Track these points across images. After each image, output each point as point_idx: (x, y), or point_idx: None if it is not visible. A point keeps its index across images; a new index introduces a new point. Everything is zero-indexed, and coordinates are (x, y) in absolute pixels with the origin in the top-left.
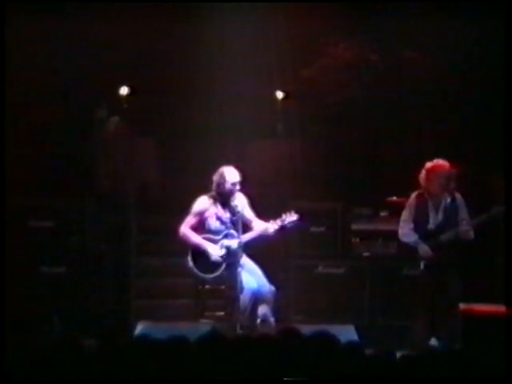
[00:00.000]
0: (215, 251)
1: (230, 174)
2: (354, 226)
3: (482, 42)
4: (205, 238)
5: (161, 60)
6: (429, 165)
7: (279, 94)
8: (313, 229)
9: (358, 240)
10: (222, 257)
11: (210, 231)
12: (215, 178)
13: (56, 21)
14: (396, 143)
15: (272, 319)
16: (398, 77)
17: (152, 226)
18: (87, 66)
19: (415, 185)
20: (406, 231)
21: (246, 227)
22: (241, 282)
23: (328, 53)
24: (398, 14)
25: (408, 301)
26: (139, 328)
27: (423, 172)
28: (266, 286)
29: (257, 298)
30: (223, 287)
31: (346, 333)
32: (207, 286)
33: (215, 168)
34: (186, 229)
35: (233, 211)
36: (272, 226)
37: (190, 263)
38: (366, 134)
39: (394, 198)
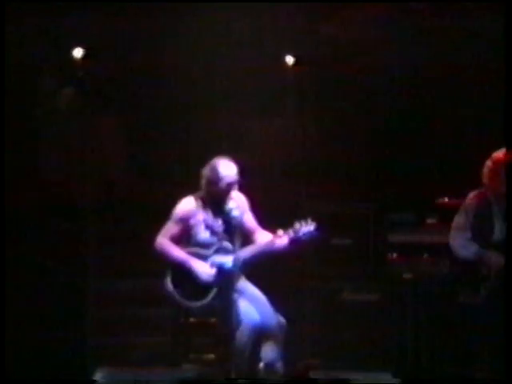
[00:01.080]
0: (204, 270)
1: (226, 169)
2: (391, 238)
3: None
4: (190, 253)
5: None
6: (497, 155)
7: (289, 59)
8: (335, 241)
9: (396, 256)
10: (212, 278)
11: (198, 244)
12: (205, 172)
13: None
14: (449, 125)
15: (280, 363)
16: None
17: (117, 237)
18: None
19: (474, 182)
20: (461, 242)
21: (246, 239)
22: (237, 312)
23: (355, 8)
24: None
25: (466, 339)
26: (99, 375)
27: (488, 164)
28: (272, 317)
29: (259, 335)
30: (213, 320)
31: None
32: (192, 319)
33: (204, 159)
34: (163, 240)
35: (227, 218)
36: (281, 239)
37: (170, 286)
38: (406, 112)
39: (446, 199)
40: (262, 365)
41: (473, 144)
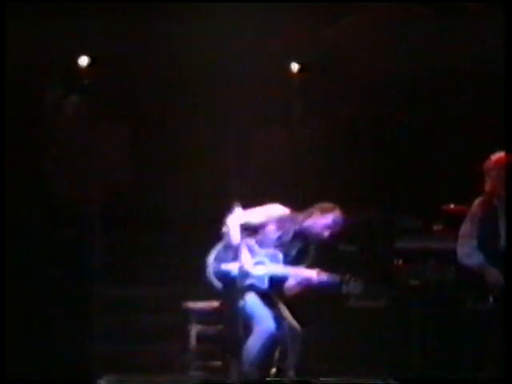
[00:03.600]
0: (247, 260)
1: (338, 223)
2: (398, 244)
3: None
4: (247, 245)
5: (137, 18)
6: (496, 159)
7: (294, 66)
8: (342, 247)
9: (402, 262)
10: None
11: (261, 242)
12: (318, 214)
13: None
14: (457, 131)
15: (292, 371)
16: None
17: (123, 244)
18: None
19: (481, 188)
20: (467, 250)
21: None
22: (251, 319)
23: (359, 7)
24: None
25: (473, 347)
26: (104, 383)
27: (488, 166)
28: (289, 324)
29: (274, 341)
30: (220, 327)
31: None
32: (199, 326)
33: (211, 167)
34: (237, 219)
35: (301, 244)
36: (321, 277)
37: (211, 257)
38: (412, 118)
39: (452, 205)
40: (274, 370)
41: (480, 150)
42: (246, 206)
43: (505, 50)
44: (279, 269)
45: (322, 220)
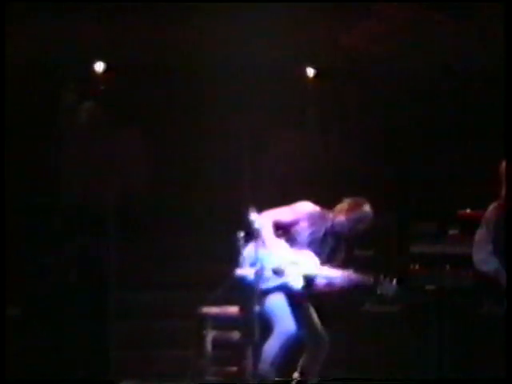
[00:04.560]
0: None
1: (369, 217)
2: (414, 249)
3: None
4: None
5: (150, 23)
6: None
7: (310, 71)
8: (357, 252)
9: (418, 267)
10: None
11: (292, 241)
12: (348, 209)
13: None
14: (474, 134)
15: (314, 378)
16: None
17: (140, 250)
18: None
19: (497, 193)
20: (482, 256)
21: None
22: (272, 317)
23: (375, 12)
24: None
25: (489, 350)
26: None
27: (502, 171)
28: (315, 331)
29: (294, 344)
30: (236, 332)
31: None
32: (215, 332)
33: (226, 171)
34: (268, 219)
35: (332, 245)
36: (353, 277)
37: (244, 250)
38: (428, 123)
39: (468, 210)
40: (296, 374)
41: (497, 154)
42: (260, 211)
43: (506, 51)
44: (313, 269)
45: (352, 215)
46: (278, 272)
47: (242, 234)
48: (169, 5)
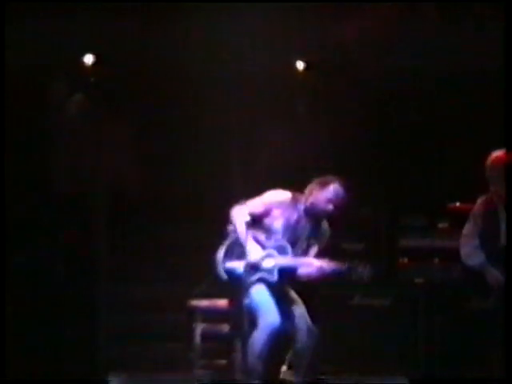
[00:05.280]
0: (254, 252)
1: (341, 194)
2: (403, 242)
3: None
4: (253, 236)
5: (141, 15)
6: (496, 156)
7: (300, 65)
8: (345, 245)
9: (407, 260)
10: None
11: (268, 232)
12: (321, 187)
13: None
14: (461, 130)
15: (301, 372)
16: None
17: (130, 243)
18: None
19: (486, 187)
20: (468, 250)
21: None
22: (254, 315)
23: (364, 10)
24: None
25: (478, 344)
26: (111, 382)
27: (488, 165)
28: (302, 324)
29: (282, 338)
30: (226, 325)
31: None
32: (204, 325)
33: (217, 164)
34: (242, 210)
35: (311, 232)
36: (330, 266)
37: (221, 253)
38: (418, 116)
39: (457, 204)
40: (284, 368)
41: (487, 148)
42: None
43: (505, 50)
44: (288, 260)
45: (322, 194)
46: (253, 266)
47: (231, 226)
48: None
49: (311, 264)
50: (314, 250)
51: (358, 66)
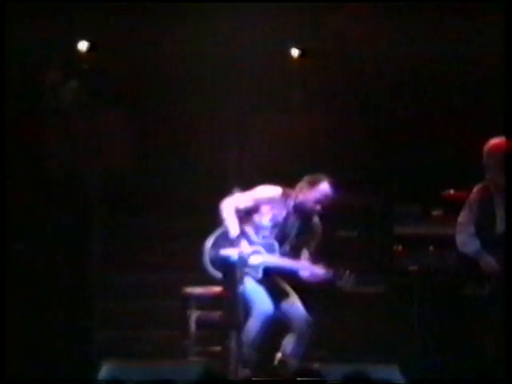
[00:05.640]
0: (243, 246)
1: (329, 192)
2: (397, 230)
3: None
4: (244, 234)
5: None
6: (493, 143)
7: (294, 52)
8: (340, 233)
9: (401, 248)
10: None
11: (256, 227)
12: (310, 186)
13: None
14: (455, 118)
15: (296, 360)
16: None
17: (121, 231)
18: None
19: (480, 174)
20: (464, 238)
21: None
22: (248, 303)
23: None
24: None
25: (472, 331)
26: (105, 369)
27: (485, 152)
28: (296, 312)
29: (273, 324)
30: (220, 312)
31: (387, 375)
32: (199, 312)
33: (210, 152)
34: (230, 203)
35: (300, 228)
36: (314, 270)
37: (208, 243)
38: (412, 105)
39: (452, 191)
40: (278, 355)
41: (481, 136)
42: (244, 191)
43: (505, 43)
44: (274, 259)
45: (311, 193)
46: (240, 259)
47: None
48: None
49: (295, 266)
50: (306, 246)
51: (353, 54)
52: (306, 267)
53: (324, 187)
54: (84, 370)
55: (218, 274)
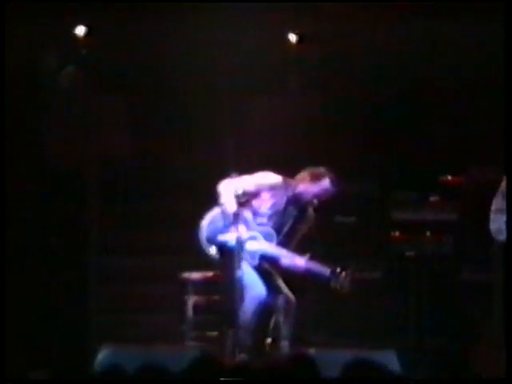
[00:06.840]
0: (239, 230)
1: (329, 190)
2: (395, 215)
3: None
4: (243, 218)
5: None
6: None
7: (292, 37)
8: (338, 218)
9: (399, 234)
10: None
11: (255, 214)
12: (308, 180)
13: None
14: (451, 103)
15: (286, 341)
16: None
17: (119, 215)
18: None
19: (477, 160)
20: (498, 226)
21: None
22: (242, 287)
23: None
24: None
25: (470, 317)
26: (102, 354)
27: None
28: (281, 293)
29: (266, 310)
30: (217, 297)
31: (384, 360)
32: (196, 297)
33: (207, 139)
34: (230, 186)
35: (297, 219)
36: (309, 265)
37: (205, 221)
38: (409, 90)
39: (449, 177)
40: (268, 340)
41: (475, 122)
42: (243, 176)
43: (505, 45)
44: (271, 248)
45: (312, 187)
46: (238, 243)
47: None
48: None
49: (290, 258)
50: (297, 234)
51: (350, 40)
52: (301, 262)
53: (326, 184)
54: (81, 355)
55: (214, 252)
